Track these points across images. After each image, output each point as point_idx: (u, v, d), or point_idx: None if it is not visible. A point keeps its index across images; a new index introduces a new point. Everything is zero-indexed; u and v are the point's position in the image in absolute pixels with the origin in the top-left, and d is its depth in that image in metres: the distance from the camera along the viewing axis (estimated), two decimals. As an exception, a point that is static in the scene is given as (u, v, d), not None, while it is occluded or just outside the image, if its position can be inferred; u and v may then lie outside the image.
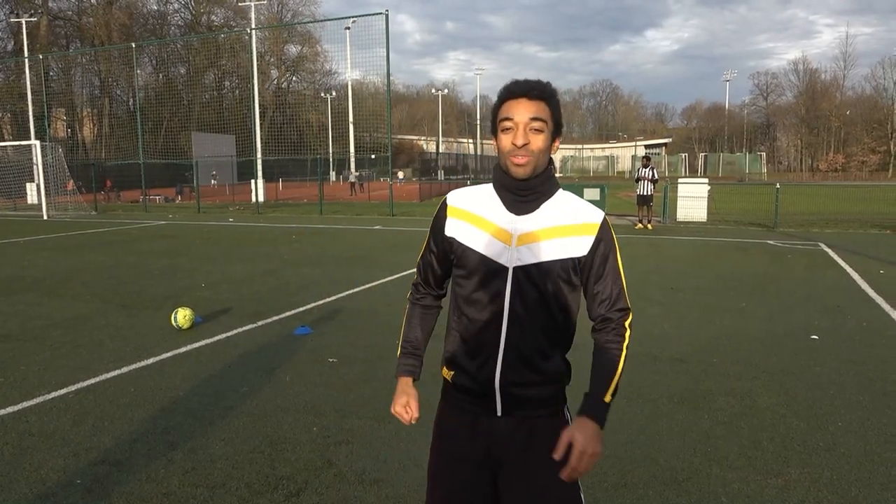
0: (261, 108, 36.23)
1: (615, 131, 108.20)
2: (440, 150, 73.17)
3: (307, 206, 28.06)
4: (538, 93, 1.65)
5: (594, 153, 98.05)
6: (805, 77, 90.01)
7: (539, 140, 1.65)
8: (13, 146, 29.56)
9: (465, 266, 1.75)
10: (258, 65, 34.97)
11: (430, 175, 54.98)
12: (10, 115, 48.33)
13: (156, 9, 61.53)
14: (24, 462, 3.52)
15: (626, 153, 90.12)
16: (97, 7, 55.95)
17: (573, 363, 1.82)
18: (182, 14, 64.43)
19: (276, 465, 3.47)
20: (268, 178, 37.18)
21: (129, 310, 7.29)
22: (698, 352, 5.53)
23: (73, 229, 18.16)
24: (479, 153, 77.11)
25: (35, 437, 3.83)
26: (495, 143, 1.72)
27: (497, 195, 1.75)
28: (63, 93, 46.09)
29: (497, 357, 1.71)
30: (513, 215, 1.71)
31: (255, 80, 32.18)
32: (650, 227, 16.86)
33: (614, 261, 1.73)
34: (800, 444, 3.71)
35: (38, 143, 25.92)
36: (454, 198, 1.81)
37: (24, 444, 3.74)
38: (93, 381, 4.81)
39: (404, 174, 57.18)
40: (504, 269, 1.69)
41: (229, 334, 6.17)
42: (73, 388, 4.66)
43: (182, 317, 6.26)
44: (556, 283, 1.69)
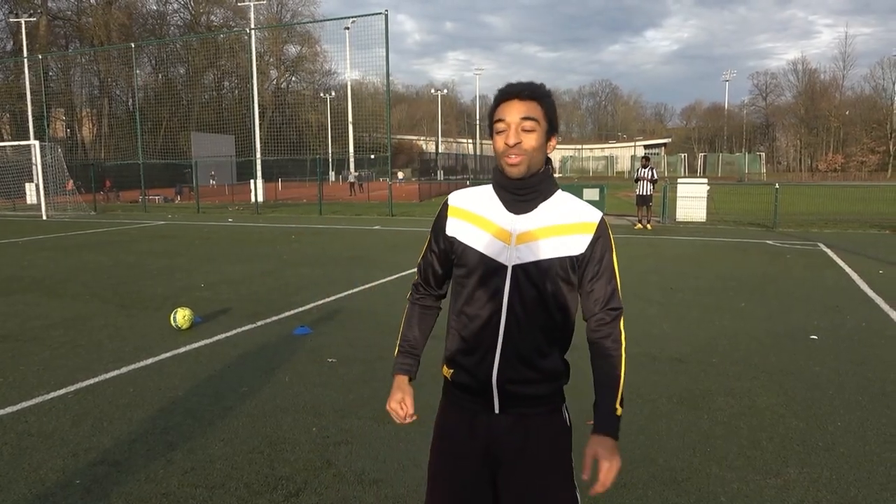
0: (260, 108, 36.23)
1: (614, 131, 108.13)
2: (439, 151, 73.13)
3: (306, 206, 28.05)
4: (529, 93, 1.68)
5: (593, 153, 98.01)
6: (804, 77, 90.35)
7: (531, 139, 1.68)
8: (12, 146, 29.55)
9: (466, 265, 1.77)
10: (257, 65, 35.00)
11: (429, 175, 54.91)
12: (9, 115, 48.35)
13: (155, 9, 61.69)
14: (23, 462, 3.51)
15: (625, 153, 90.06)
16: (96, 7, 55.99)
17: (572, 363, 1.83)
18: (181, 14, 64.57)
19: (276, 466, 3.47)
20: (267, 179, 37.17)
21: (128, 310, 7.29)
22: (697, 352, 5.53)
23: (73, 229, 18.15)
24: (478, 153, 77.08)
25: (34, 438, 3.83)
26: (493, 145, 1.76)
27: (496, 195, 1.77)
28: (62, 93, 46.10)
29: (495, 354, 1.72)
30: (512, 215, 1.74)
31: (255, 81, 32.16)
32: (649, 227, 16.86)
33: (610, 260, 1.75)
34: (799, 444, 3.72)
35: (37, 143, 25.90)
36: (455, 198, 1.84)
37: (23, 445, 3.73)
38: (92, 382, 4.81)
39: (404, 174, 57.18)
40: (503, 267, 1.71)
41: (228, 334, 6.17)
42: (72, 389, 4.66)
43: (181, 317, 6.26)
44: (554, 282, 1.71)
